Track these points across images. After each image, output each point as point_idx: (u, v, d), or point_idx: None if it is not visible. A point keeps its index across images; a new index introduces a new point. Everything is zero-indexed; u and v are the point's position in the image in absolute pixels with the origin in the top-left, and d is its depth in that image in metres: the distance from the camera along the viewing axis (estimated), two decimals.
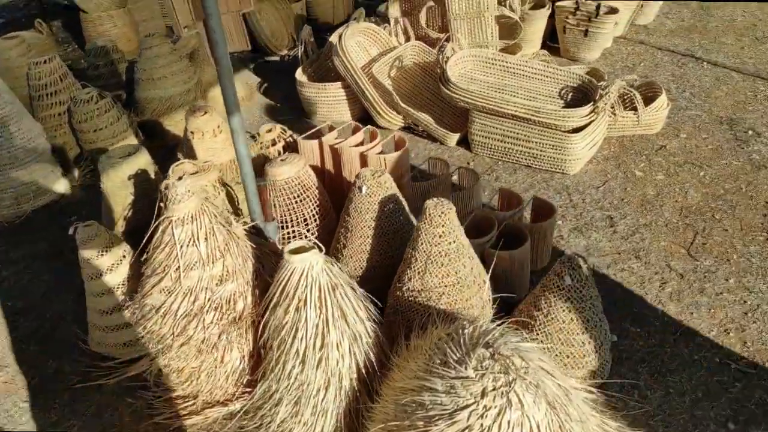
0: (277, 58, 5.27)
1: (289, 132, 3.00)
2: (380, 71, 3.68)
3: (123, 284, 2.15)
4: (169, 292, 1.81)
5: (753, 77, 3.95)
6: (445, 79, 3.26)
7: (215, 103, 4.09)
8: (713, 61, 4.23)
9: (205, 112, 2.60)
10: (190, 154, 2.65)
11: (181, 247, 1.76)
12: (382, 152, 2.75)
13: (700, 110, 3.61)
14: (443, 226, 1.91)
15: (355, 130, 2.85)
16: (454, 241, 1.95)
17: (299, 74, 3.97)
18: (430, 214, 1.91)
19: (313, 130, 2.88)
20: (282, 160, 2.47)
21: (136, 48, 4.65)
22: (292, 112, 4.17)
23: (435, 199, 1.94)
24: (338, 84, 3.78)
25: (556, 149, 3.09)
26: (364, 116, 3.87)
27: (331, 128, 2.89)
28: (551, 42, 4.67)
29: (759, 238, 2.56)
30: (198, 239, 1.77)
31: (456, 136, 3.51)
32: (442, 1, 3.85)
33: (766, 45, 4.41)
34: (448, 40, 3.84)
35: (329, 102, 3.87)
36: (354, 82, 3.63)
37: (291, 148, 2.97)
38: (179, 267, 1.77)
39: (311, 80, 4.10)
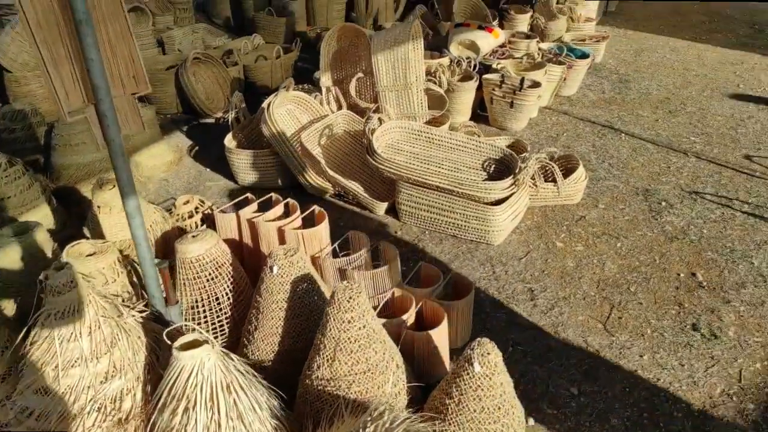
0: (212, 120, 5.22)
1: (209, 203, 2.92)
2: (309, 139, 3.68)
3: (2, 379, 1.96)
4: (45, 392, 1.65)
5: (666, 149, 4.18)
6: (371, 150, 3.29)
7: (141, 168, 3.98)
8: (630, 132, 4.47)
9: (114, 185, 2.49)
10: (97, 230, 2.52)
11: (61, 342, 1.62)
12: (301, 226, 2.70)
13: (617, 181, 3.76)
14: (352, 311, 1.85)
15: (275, 203, 2.79)
16: (364, 327, 1.89)
17: (228, 140, 3.92)
18: (338, 299, 1.85)
19: (232, 203, 2.81)
20: (193, 236, 2.37)
21: None
22: (222, 177, 4.09)
23: (344, 282, 1.89)
24: (267, 151, 3.75)
25: (479, 221, 3.12)
26: (294, 183, 3.84)
27: (251, 200, 2.83)
28: (481, 111, 4.83)
29: (671, 312, 2.61)
30: (80, 334, 1.63)
31: (384, 205, 3.51)
32: (372, 72, 3.94)
33: (678, 118, 4.70)
34: (377, 110, 3.90)
35: (258, 169, 3.82)
36: (282, 151, 3.61)
37: (210, 219, 2.88)
38: (58, 365, 1.62)
39: (242, 146, 4.06)
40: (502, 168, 3.36)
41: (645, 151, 4.17)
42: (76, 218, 3.52)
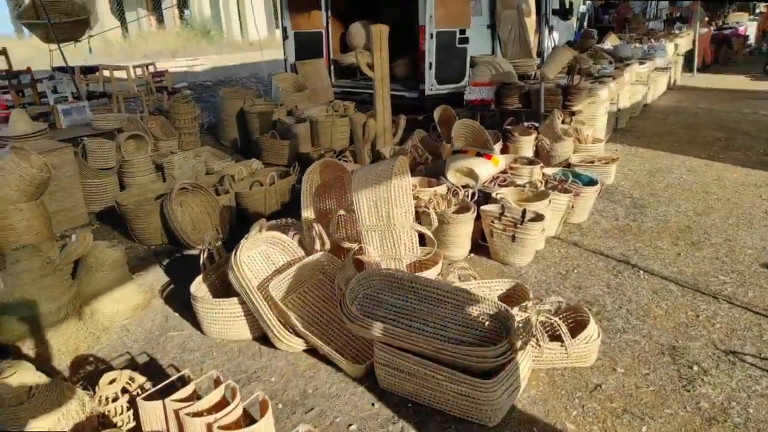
0: (196, 252, 4.91)
1: (140, 380, 2.46)
2: (280, 287, 3.29)
3: None
4: None
5: (693, 291, 3.65)
6: (344, 305, 2.84)
7: (97, 316, 3.59)
8: (650, 269, 3.97)
9: (15, 371, 2.07)
10: None
11: None
12: (241, 416, 2.20)
13: (638, 334, 3.21)
14: None
15: (216, 383, 2.32)
16: None
17: (195, 285, 3.54)
18: None
19: (165, 383, 2.35)
20: None
21: (45, 239, 4.33)
22: (189, 325, 3.66)
23: None
24: (234, 299, 3.34)
25: (470, 396, 2.58)
26: (264, 333, 3.38)
27: (188, 379, 2.36)
28: (483, 241, 4.42)
29: None
30: None
31: (362, 369, 3.00)
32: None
33: (702, 252, 4.21)
34: (360, 251, 3.52)
35: (226, 319, 3.39)
36: (249, 301, 3.20)
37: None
38: None
39: (214, 288, 3.68)
40: (497, 325, 2.86)
41: (668, 293, 3.63)
42: None
